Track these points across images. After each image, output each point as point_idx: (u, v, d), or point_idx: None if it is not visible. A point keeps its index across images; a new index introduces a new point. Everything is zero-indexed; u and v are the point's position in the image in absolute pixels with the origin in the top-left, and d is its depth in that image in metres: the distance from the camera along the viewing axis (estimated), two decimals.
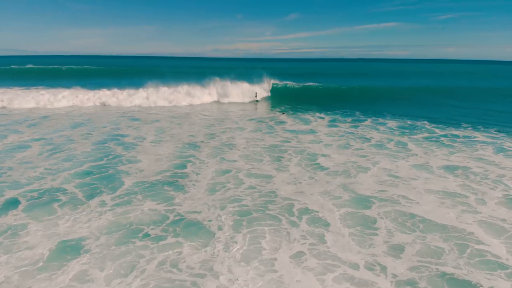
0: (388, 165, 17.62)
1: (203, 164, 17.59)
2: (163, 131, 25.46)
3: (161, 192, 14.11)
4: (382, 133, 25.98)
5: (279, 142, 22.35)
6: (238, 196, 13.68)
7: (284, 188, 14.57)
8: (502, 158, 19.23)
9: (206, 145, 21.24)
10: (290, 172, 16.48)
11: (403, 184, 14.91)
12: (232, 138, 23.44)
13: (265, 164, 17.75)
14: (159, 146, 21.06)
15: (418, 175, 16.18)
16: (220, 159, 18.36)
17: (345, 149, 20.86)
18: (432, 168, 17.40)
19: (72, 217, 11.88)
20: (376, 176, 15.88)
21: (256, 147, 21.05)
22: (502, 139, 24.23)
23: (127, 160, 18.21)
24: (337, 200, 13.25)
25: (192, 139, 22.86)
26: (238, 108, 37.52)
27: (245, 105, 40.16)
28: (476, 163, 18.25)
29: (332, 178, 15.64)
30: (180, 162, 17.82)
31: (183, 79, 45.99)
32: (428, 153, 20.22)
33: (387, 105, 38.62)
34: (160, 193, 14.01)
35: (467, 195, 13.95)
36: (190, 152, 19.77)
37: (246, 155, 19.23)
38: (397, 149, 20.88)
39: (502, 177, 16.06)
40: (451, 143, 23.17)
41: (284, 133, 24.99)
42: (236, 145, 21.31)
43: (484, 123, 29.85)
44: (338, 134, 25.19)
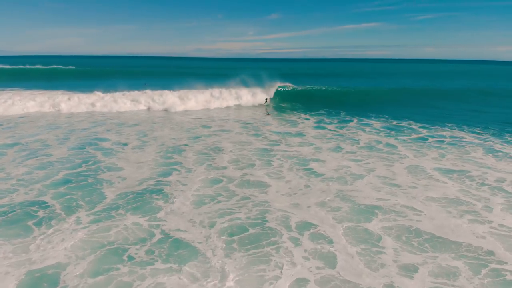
0: (383, 170, 16.50)
1: (189, 171, 16.25)
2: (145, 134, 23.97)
3: (146, 204, 12.63)
4: (369, 134, 25.04)
5: (267, 145, 21.18)
6: (230, 209, 12.33)
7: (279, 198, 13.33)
8: (493, 160, 18.43)
9: (191, 149, 19.90)
10: (285, 180, 15.23)
11: (402, 192, 13.77)
12: (218, 141, 22.15)
13: (257, 169, 16.57)
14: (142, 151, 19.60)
15: (415, 181, 15.10)
16: (208, 166, 17.04)
17: (336, 152, 19.80)
18: (427, 172, 16.38)
19: (45, 239, 10.30)
20: (372, 183, 14.72)
21: (243, 150, 19.84)
22: (490, 140, 23.54)
23: (107, 167, 16.72)
24: (336, 213, 12.01)
25: (175, 143, 21.46)
26: (247, 113, 36.19)
27: (256, 109, 37.52)
28: (470, 166, 17.38)
29: (328, 186, 14.44)
30: (165, 170, 16.41)
31: (180, 82, 44.10)
32: (419, 155, 19.33)
33: (371, 105, 37.77)
34: (144, 205, 12.52)
35: (471, 202, 12.95)
36: (175, 157, 18.42)
37: (235, 160, 18.00)
38: (388, 152, 19.87)
39: (500, 182, 15.14)
40: (439, 144, 22.38)
41: (271, 135, 23.83)
42: (223, 149, 20.05)
43: (468, 123, 29.19)
44: (326, 136, 24.15)
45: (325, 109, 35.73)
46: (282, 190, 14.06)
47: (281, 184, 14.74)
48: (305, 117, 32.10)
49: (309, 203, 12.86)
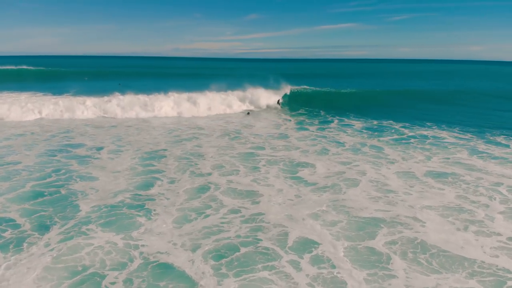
0: (374, 175, 15.35)
1: (172, 181, 14.75)
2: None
3: (124, 220, 11.01)
4: (351, 135, 23.96)
5: (251, 149, 19.85)
6: (218, 226, 10.85)
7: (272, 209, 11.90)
8: (481, 162, 17.52)
9: (171, 155, 18.35)
10: (274, 188, 13.89)
11: (399, 201, 12.60)
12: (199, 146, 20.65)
13: (242, 176, 15.18)
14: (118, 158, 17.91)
15: (409, 187, 14.00)
16: (191, 173, 15.57)
17: (322, 155, 18.66)
18: (418, 177, 15.31)
19: (4, 271, 8.67)
20: (365, 191, 13.52)
21: (225, 155, 18.46)
22: (472, 140, 22.81)
23: (80, 176, 14.99)
24: (335, 228, 10.69)
25: (153, 148, 19.85)
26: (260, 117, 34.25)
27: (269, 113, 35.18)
28: (459, 169, 16.40)
29: (320, 196, 13.10)
30: (144, 179, 14.81)
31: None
32: (406, 158, 18.33)
33: (350, 106, 36.76)
34: (122, 221, 10.90)
35: (472, 211, 11.88)
36: (153, 165, 16.85)
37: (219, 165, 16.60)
38: (374, 154, 18.80)
39: (494, 185, 14.19)
40: (422, 145, 21.46)
41: (255, 138, 22.51)
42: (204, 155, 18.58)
43: (446, 123, 28.49)
44: (309, 138, 23.05)
45: (305, 109, 34.72)
46: (274, 199, 12.75)
47: (272, 193, 13.42)
48: (286, 118, 31.02)
49: (303, 214, 11.52)
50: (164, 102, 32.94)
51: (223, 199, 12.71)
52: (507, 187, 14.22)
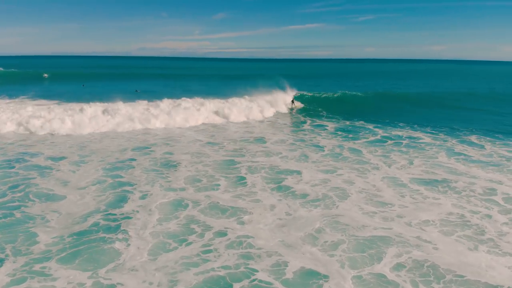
0: (361, 184, 14.06)
1: (143, 195, 12.82)
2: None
3: (92, 252, 9.07)
4: (326, 138, 22.78)
5: (229, 157, 18.20)
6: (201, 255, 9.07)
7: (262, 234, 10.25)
8: (461, 166, 16.60)
9: (139, 166, 16.44)
10: (260, 203, 12.28)
11: (397, 217, 11.25)
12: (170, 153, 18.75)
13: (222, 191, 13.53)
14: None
15: (402, 199, 12.74)
16: (160, 187, 13.79)
17: (303, 162, 17.29)
18: (406, 184, 14.14)
19: None
20: (359, 205, 12.12)
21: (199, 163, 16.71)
22: (447, 140, 22.13)
23: (39, 194, 12.81)
24: (336, 252, 9.20)
25: (119, 156, 17.80)
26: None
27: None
28: (443, 174, 15.39)
29: (311, 212, 11.61)
30: (114, 196, 12.83)
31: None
32: (388, 163, 17.15)
33: (321, 106, 35.80)
34: (90, 254, 8.97)
35: (475, 224, 10.71)
36: (120, 176, 14.90)
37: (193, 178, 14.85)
38: (356, 160, 17.52)
39: (487, 193, 13.23)
40: (399, 147, 20.50)
41: (229, 144, 20.87)
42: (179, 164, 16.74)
43: (417, 122, 27.87)
44: (286, 142, 21.69)
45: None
46: (262, 219, 11.06)
47: (259, 209, 11.74)
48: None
49: (297, 236, 9.96)
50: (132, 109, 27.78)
51: (204, 218, 11.06)
52: (499, 194, 13.29)
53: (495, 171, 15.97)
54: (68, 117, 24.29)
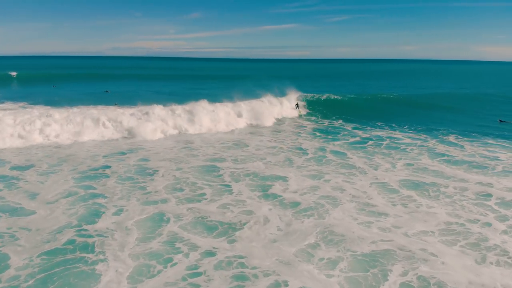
0: (352, 190, 13.26)
1: (120, 210, 11.50)
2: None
3: (66, 276, 7.80)
4: (308, 140, 22.10)
5: (209, 162, 17.16)
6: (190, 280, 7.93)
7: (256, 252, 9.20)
8: (446, 168, 16.14)
9: (113, 174, 15.06)
10: (249, 215, 11.25)
11: (393, 227, 10.45)
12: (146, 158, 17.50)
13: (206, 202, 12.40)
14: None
15: (394, 208, 11.98)
16: (137, 200, 12.63)
17: (289, 167, 16.39)
18: (396, 189, 13.46)
19: None
20: (351, 215, 11.25)
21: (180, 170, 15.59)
22: (427, 141, 21.76)
23: (4, 208, 11.28)
24: (335, 271, 8.26)
25: (92, 164, 16.40)
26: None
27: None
28: (430, 177, 14.87)
29: (303, 223, 10.68)
30: (86, 209, 11.44)
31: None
32: (373, 166, 16.44)
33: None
34: (64, 279, 7.71)
35: (476, 233, 10.01)
36: (93, 187, 13.56)
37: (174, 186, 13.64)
38: (340, 163, 16.77)
39: (480, 197, 12.69)
40: (380, 148, 20.06)
41: (208, 149, 19.79)
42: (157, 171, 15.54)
43: (396, 121, 27.56)
44: (268, 145, 20.75)
45: None
46: (253, 236, 10.00)
47: (249, 217, 10.70)
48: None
49: (291, 253, 9.01)
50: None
51: (187, 235, 9.98)
52: (492, 198, 12.74)
53: (480, 173, 15.55)
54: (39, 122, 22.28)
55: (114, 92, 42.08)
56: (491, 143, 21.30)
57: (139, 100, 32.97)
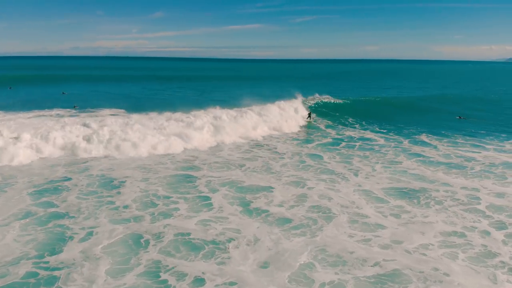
0: (339, 199, 12.16)
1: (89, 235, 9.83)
2: None
3: None
4: (282, 142, 21.01)
5: (181, 170, 15.68)
6: None
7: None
8: (426, 170, 15.54)
9: (74, 189, 13.07)
10: (235, 234, 9.81)
11: (393, 243, 9.42)
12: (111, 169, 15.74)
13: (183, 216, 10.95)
14: None
15: (387, 219, 10.96)
16: (106, 218, 10.86)
17: (268, 174, 15.16)
18: (382, 198, 12.47)
19: None
20: (345, 232, 10.06)
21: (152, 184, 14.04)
22: (401, 141, 21.18)
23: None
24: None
25: (49, 176, 14.41)
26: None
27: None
28: (414, 182, 14.13)
29: (293, 241, 9.42)
30: (45, 234, 9.57)
31: None
32: (353, 170, 15.49)
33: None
34: None
35: (479, 245, 9.19)
36: (53, 205, 11.59)
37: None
38: (319, 168, 15.73)
39: (470, 202, 11.99)
40: (354, 150, 19.34)
41: (179, 156, 18.20)
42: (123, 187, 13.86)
43: (365, 120, 27.27)
44: (242, 149, 19.50)
45: None
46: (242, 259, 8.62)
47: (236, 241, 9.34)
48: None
49: (285, 278, 7.77)
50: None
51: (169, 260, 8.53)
52: (479, 201, 12.19)
53: (460, 175, 15.01)
54: None
55: (71, 94, 39.54)
56: (461, 142, 21.12)
57: (97, 102, 31.23)
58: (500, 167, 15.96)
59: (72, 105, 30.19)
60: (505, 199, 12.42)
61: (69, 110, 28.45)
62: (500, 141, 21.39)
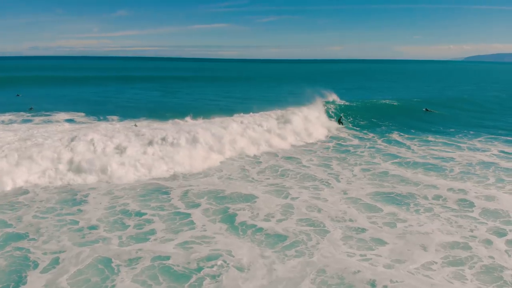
0: (328, 209, 11.12)
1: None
2: None
3: None
4: None
5: (152, 180, 14.14)
6: None
7: None
8: (406, 172, 14.93)
9: (32, 205, 11.26)
10: (223, 255, 8.47)
11: (395, 262, 8.46)
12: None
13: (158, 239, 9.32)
14: None
15: (383, 232, 10.01)
16: (71, 241, 9.16)
17: (248, 182, 13.90)
18: (371, 205, 11.62)
19: None
20: (342, 251, 9.00)
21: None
22: (375, 141, 20.76)
23: None
24: None
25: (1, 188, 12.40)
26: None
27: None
28: (398, 185, 13.37)
29: (286, 264, 8.21)
30: (4, 261, 7.95)
31: None
32: (333, 174, 14.67)
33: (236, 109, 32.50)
34: None
35: (486, 257, 8.37)
36: (6, 222, 9.72)
37: None
38: (299, 173, 14.80)
39: (457, 209, 11.25)
40: (328, 151, 18.61)
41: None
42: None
43: None
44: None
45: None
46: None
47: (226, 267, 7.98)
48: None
49: None
50: None
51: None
52: (472, 206, 11.48)
53: (441, 177, 14.36)
54: None
55: (27, 96, 36.11)
56: (433, 141, 20.91)
57: (53, 105, 29.00)
58: (477, 167, 15.51)
59: (26, 108, 27.55)
60: (495, 202, 11.81)
61: (23, 114, 25.81)
62: (469, 139, 21.29)
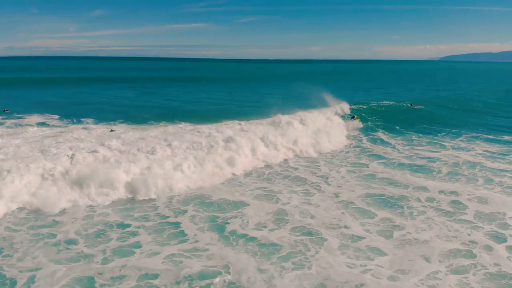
0: (322, 216, 10.56)
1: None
2: None
3: None
4: None
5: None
6: None
7: None
8: (395, 172, 14.60)
9: (4, 218, 10.30)
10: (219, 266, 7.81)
11: (398, 273, 7.98)
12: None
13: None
14: None
15: (381, 240, 9.51)
16: (47, 258, 8.17)
17: (235, 187, 13.43)
18: (365, 209, 11.16)
19: None
20: (341, 260, 8.49)
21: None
22: (361, 139, 20.55)
23: None
24: None
25: None
26: None
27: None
28: (388, 187, 13.00)
29: (284, 279, 7.60)
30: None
31: None
32: (320, 175, 14.34)
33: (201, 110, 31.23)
34: None
35: (486, 263, 8.02)
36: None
37: None
38: (286, 176, 14.34)
39: (452, 212, 10.92)
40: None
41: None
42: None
43: None
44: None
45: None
46: None
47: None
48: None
49: None
50: None
51: None
52: (465, 209, 11.16)
53: (430, 178, 14.07)
54: None
55: (1, 98, 34.04)
56: (417, 140, 20.85)
57: (27, 108, 27.73)
58: (464, 167, 15.32)
59: (0, 110, 25.96)
60: (488, 204, 11.52)
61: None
62: (451, 138, 21.29)
